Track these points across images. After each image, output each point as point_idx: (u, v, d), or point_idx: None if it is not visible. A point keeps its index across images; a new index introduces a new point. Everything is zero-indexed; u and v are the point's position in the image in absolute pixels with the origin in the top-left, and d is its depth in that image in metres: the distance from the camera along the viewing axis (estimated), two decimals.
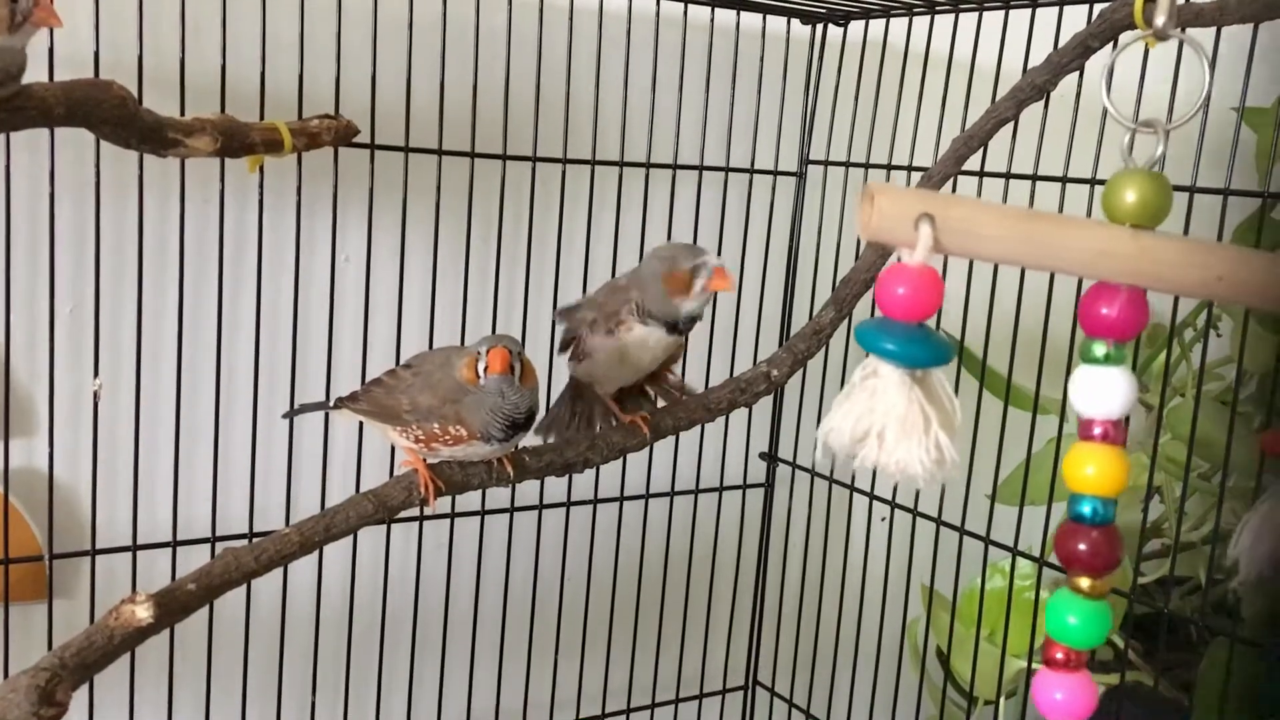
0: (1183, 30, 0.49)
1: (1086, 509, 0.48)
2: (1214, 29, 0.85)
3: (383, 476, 1.01)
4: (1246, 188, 0.94)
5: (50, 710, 0.62)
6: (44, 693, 0.62)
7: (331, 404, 0.93)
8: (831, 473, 1.29)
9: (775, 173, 1.29)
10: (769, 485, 1.38)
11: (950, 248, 0.44)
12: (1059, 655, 0.49)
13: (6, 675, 0.94)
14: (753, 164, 1.26)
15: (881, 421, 0.45)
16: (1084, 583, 0.48)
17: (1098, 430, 0.47)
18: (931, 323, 0.46)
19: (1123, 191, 0.46)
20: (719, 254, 1.24)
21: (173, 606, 0.70)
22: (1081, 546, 0.48)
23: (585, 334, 0.92)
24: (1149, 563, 1.27)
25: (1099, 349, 0.46)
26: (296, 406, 0.98)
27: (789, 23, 1.25)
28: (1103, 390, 0.46)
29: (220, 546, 0.99)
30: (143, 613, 0.68)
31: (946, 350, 0.45)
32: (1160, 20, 0.47)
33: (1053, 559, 1.09)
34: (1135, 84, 0.92)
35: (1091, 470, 0.47)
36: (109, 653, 0.68)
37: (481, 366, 0.83)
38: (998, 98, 0.96)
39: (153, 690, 1.03)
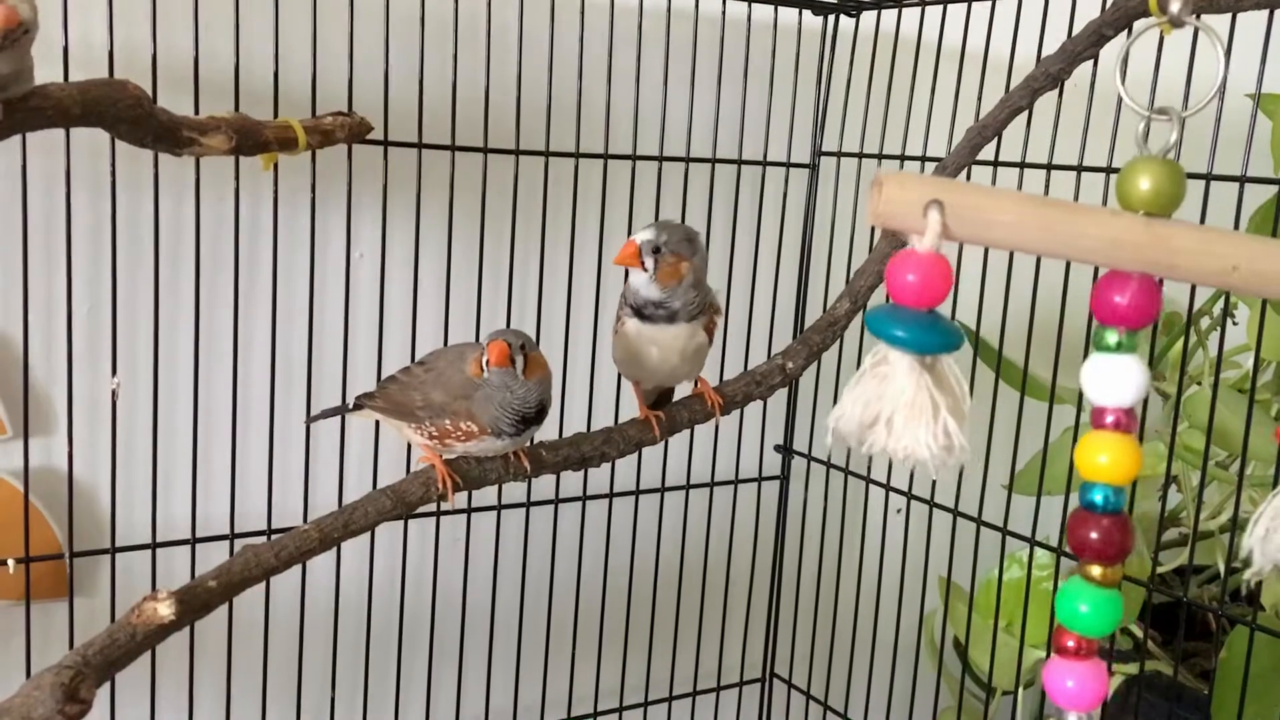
0: (1198, 17, 0.49)
1: (1098, 497, 0.47)
2: (1229, 15, 0.85)
3: (399, 473, 1.01)
4: (1263, 174, 0.94)
5: (74, 707, 0.63)
6: (68, 690, 0.63)
7: (350, 406, 0.93)
8: (847, 464, 1.29)
9: (788, 165, 1.28)
10: (784, 478, 1.38)
11: (960, 234, 0.44)
12: (1070, 644, 0.49)
13: (29, 672, 0.95)
14: (765, 156, 1.26)
15: (890, 407, 0.44)
16: (1095, 571, 0.48)
17: (1110, 418, 0.47)
18: (946, 311, 0.45)
19: (1136, 179, 0.46)
20: (731, 246, 1.25)
21: (194, 604, 0.71)
22: (1093, 535, 0.47)
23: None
24: (1167, 551, 1.26)
25: (1111, 337, 0.46)
26: (317, 412, 0.98)
27: (800, 14, 1.24)
28: (1115, 378, 0.46)
29: (239, 544, 0.99)
30: (165, 610, 0.69)
31: (956, 337, 0.45)
32: (1175, 8, 0.47)
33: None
34: (1150, 71, 0.92)
35: (1104, 459, 0.46)
36: (131, 650, 0.68)
37: (485, 360, 0.83)
38: (1012, 87, 0.96)
39: (173, 687, 1.03)
